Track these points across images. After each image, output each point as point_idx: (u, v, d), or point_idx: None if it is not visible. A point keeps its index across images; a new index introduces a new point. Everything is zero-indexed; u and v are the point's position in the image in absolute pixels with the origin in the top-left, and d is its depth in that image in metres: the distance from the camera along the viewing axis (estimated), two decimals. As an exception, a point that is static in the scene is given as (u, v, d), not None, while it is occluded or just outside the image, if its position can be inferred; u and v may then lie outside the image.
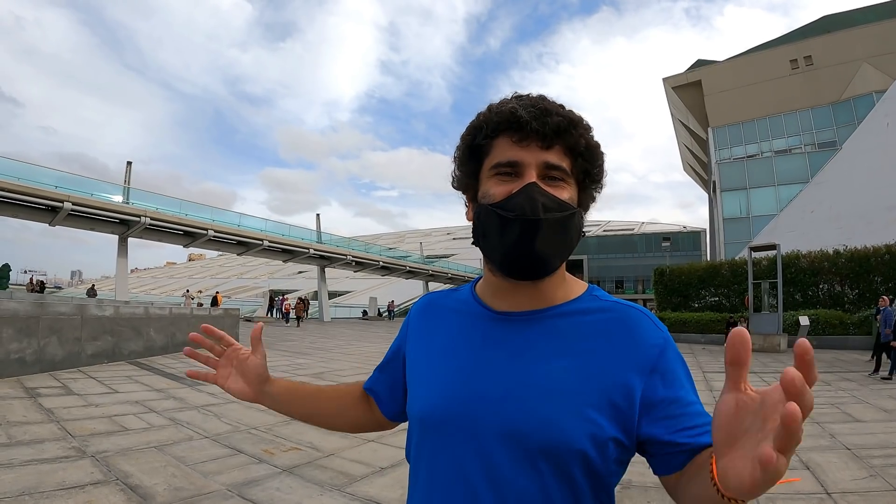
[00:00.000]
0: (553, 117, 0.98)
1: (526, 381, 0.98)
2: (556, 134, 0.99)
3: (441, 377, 1.08)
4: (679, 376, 0.99)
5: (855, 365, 14.35)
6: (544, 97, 1.04)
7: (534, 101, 1.01)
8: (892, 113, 33.75)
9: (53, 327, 10.77)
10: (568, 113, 1.01)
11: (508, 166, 1.00)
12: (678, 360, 1.01)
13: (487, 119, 1.03)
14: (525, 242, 0.96)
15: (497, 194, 1.00)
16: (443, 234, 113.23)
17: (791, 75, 45.44)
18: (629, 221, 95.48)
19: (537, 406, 0.96)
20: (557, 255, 1.00)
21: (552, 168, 1.00)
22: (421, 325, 1.22)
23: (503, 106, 1.02)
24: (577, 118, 1.03)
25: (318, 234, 45.24)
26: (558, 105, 1.02)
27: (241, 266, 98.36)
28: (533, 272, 1.00)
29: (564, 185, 1.01)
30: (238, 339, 19.27)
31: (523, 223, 0.95)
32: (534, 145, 0.99)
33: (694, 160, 64.34)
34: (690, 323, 25.43)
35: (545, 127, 0.98)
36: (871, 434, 6.58)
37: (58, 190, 26.34)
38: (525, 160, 0.99)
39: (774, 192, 42.89)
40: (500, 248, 0.99)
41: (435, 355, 1.13)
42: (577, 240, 1.03)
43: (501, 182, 1.01)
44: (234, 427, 6.79)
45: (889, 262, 22.01)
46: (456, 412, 1.02)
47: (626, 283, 76.23)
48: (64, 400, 7.98)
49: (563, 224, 0.98)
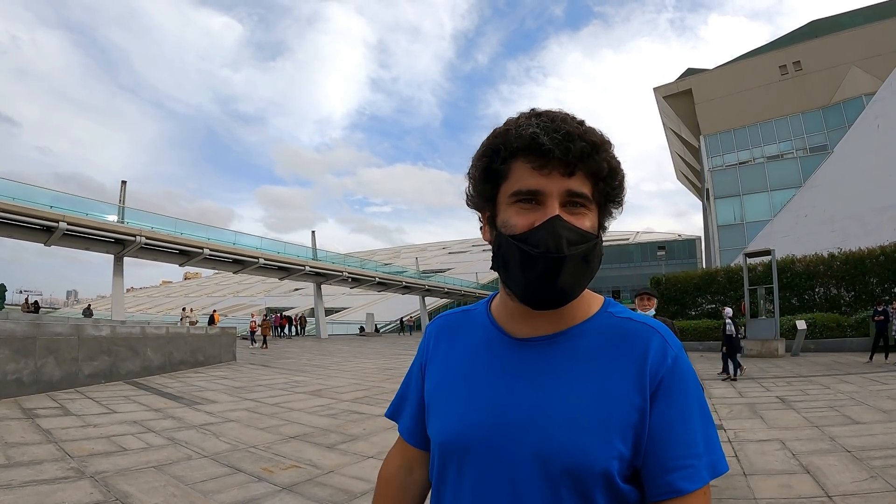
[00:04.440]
0: (577, 143, 0.94)
1: (546, 407, 0.97)
2: (579, 160, 0.95)
3: (462, 404, 1.06)
4: (681, 400, 0.95)
5: (853, 367, 14.36)
6: (566, 117, 0.99)
7: (556, 125, 0.96)
8: (882, 115, 33.90)
9: (50, 348, 10.75)
10: (591, 136, 0.97)
11: (529, 195, 0.97)
12: (685, 381, 0.97)
13: (506, 142, 0.98)
14: (550, 278, 0.94)
15: (518, 225, 0.97)
16: (438, 249, 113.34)
17: (780, 81, 45.62)
18: (624, 231, 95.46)
19: (558, 432, 0.94)
20: (580, 285, 0.98)
21: (574, 196, 0.96)
22: (439, 348, 1.19)
23: (523, 129, 0.97)
24: (600, 140, 0.98)
25: (314, 251, 45.34)
26: (580, 126, 0.97)
27: (237, 284, 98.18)
28: (555, 304, 0.98)
29: (586, 210, 0.98)
30: (235, 357, 19.27)
31: (548, 260, 0.93)
32: (556, 172, 0.95)
33: (687, 168, 64.46)
34: (688, 331, 25.40)
35: (568, 154, 0.94)
36: (870, 436, 6.58)
37: (53, 210, 26.31)
38: (547, 189, 0.96)
39: (768, 198, 43.03)
40: (523, 282, 0.97)
41: (456, 381, 1.11)
42: (599, 265, 1.01)
43: (522, 211, 0.97)
44: (233, 446, 6.76)
45: (884, 264, 22.05)
46: (478, 439, 1.00)
47: (623, 292, 76.18)
48: (62, 420, 7.95)
49: (586, 256, 0.96)
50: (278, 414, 9.13)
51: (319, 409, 9.63)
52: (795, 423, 7.67)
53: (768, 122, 45.99)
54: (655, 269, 53.24)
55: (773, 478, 5.16)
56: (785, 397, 9.92)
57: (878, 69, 38.86)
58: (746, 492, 4.78)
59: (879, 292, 21.41)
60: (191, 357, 16.51)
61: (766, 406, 9.18)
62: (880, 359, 15.43)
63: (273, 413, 9.23)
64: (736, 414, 8.59)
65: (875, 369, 13.54)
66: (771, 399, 9.89)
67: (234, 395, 11.19)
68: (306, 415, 9.11)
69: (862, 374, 12.87)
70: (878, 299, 17.98)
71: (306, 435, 7.51)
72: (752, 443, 6.61)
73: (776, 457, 5.92)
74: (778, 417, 8.14)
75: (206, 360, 17.41)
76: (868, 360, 15.65)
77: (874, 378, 11.88)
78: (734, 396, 10.37)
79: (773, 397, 10.06)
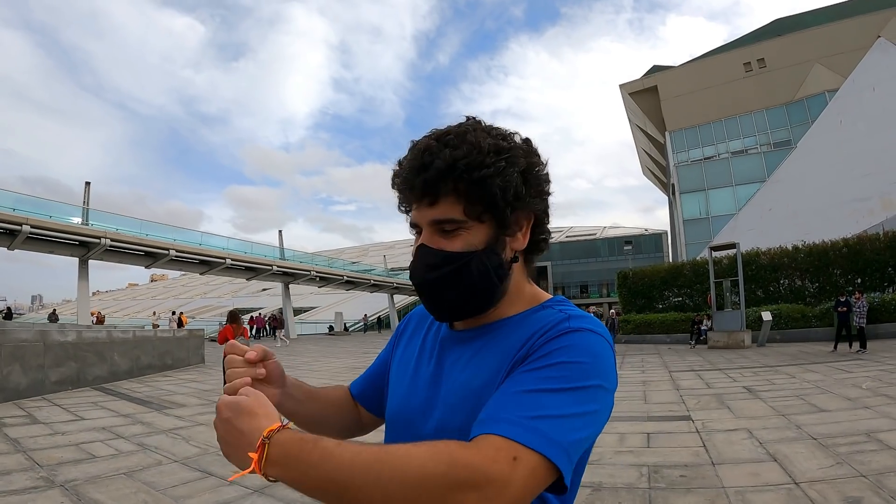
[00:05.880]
0: (428, 172, 0.96)
1: (438, 395, 1.06)
2: (434, 188, 0.97)
3: (403, 388, 1.16)
4: (537, 364, 0.90)
5: (818, 356, 14.63)
6: (429, 144, 0.99)
7: (414, 155, 1.00)
8: (844, 111, 34.55)
9: (15, 354, 10.54)
10: (454, 153, 0.95)
11: (413, 227, 1.06)
12: (557, 351, 0.91)
13: (393, 181, 1.06)
14: (433, 301, 1.04)
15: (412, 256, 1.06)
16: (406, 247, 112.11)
17: (745, 78, 46.29)
18: (591, 226, 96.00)
19: (440, 415, 1.03)
20: (470, 298, 1.02)
21: (441, 223, 0.99)
22: (405, 334, 1.29)
23: (399, 163, 1.05)
24: (462, 154, 0.95)
25: (281, 251, 45.09)
26: (444, 145, 0.97)
27: (204, 285, 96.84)
28: (453, 318, 1.08)
29: (462, 231, 0.99)
30: (203, 359, 19.07)
31: (419, 286, 1.04)
32: (423, 204, 1.00)
33: (653, 164, 65.12)
34: (655, 324, 25.80)
35: (414, 189, 0.99)
36: (836, 423, 6.71)
37: (16, 212, 25.72)
38: (419, 220, 1.02)
39: (732, 193, 43.69)
40: (423, 303, 1.08)
41: (404, 365, 1.20)
42: (494, 276, 1.01)
43: (414, 243, 1.06)
44: (203, 449, 6.70)
45: (847, 256, 22.50)
46: (402, 417, 1.13)
47: (591, 287, 76.81)
48: (29, 429, 7.81)
49: (456, 274, 0.99)
50: (250, 416, 9.04)
51: (292, 411, 9.56)
52: (762, 412, 7.80)
53: (733, 118, 46.68)
54: (623, 263, 53.68)
55: (741, 466, 5.25)
56: (752, 387, 10.08)
57: (841, 66, 39.63)
58: (715, 480, 4.86)
59: (843, 283, 21.83)
60: (158, 360, 16.33)
61: (734, 396, 9.32)
62: (844, 348, 15.75)
63: (245, 415, 9.14)
64: (704, 405, 8.71)
65: (839, 358, 13.82)
66: (738, 389, 10.04)
67: (203, 398, 11.08)
68: (278, 416, 9.04)
69: (827, 363, 13.12)
70: (840, 291, 18.33)
71: (279, 436, 7.45)
72: (719, 432, 6.71)
73: (744, 446, 6.01)
74: (745, 407, 8.26)
75: (175, 364, 17.23)
76: (833, 349, 15.96)
77: (839, 367, 12.11)
78: (702, 387, 10.51)
79: (739, 387, 10.21)
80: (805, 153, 36.82)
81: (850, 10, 42.46)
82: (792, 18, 47.24)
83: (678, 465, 5.42)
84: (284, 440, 0.81)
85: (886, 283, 21.94)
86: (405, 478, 0.74)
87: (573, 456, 0.84)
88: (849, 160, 31.60)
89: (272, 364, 1.13)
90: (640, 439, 6.61)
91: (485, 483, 0.74)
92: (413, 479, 0.74)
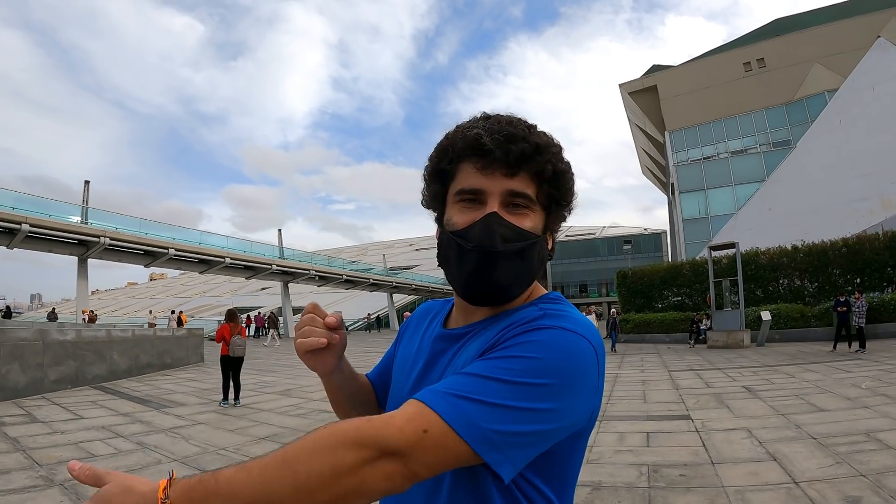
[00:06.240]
0: (518, 144, 0.97)
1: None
2: (521, 161, 0.97)
3: (397, 385, 1.19)
4: (498, 353, 0.89)
5: (818, 356, 14.64)
6: (513, 120, 1.02)
7: (500, 126, 0.99)
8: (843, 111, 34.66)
9: (14, 353, 10.54)
10: (536, 137, 1.00)
11: (472, 194, 1.01)
12: (521, 341, 0.89)
13: (453, 143, 1.03)
14: (483, 273, 0.98)
15: (459, 222, 1.01)
16: (405, 246, 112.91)
17: (745, 77, 46.23)
18: (590, 226, 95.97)
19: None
20: (517, 283, 1.01)
21: (516, 196, 0.99)
22: (407, 332, 1.30)
23: (469, 130, 1.01)
24: (546, 143, 1.01)
25: (281, 250, 45.02)
26: (526, 128, 1.01)
27: (203, 284, 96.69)
28: (491, 300, 1.03)
29: (528, 212, 1.01)
30: (203, 358, 19.06)
31: (480, 254, 0.97)
32: (498, 173, 0.98)
33: (652, 163, 65.06)
34: (654, 323, 25.78)
35: (508, 155, 0.97)
36: (835, 422, 6.72)
37: (15, 211, 25.77)
38: (488, 188, 0.99)
39: (732, 192, 43.65)
40: (460, 277, 1.02)
41: (402, 364, 1.21)
42: (541, 266, 1.04)
43: (465, 209, 1.01)
44: (203, 448, 6.70)
45: (846, 255, 22.48)
46: None
47: (590, 286, 76.94)
48: (28, 428, 7.81)
49: (522, 253, 0.99)
50: (248, 415, 9.07)
51: (289, 409, 9.58)
52: (762, 411, 7.81)
53: (732, 117, 46.63)
54: (622, 262, 53.76)
55: (741, 465, 5.25)
56: (751, 387, 10.08)
57: (840, 66, 39.65)
58: (714, 480, 4.86)
59: (842, 283, 21.82)
60: (158, 360, 16.32)
61: (733, 396, 9.32)
62: (843, 347, 15.75)
63: (242, 414, 9.17)
64: (703, 404, 8.71)
65: (839, 358, 13.83)
66: (737, 389, 10.04)
67: (202, 397, 11.08)
68: (276, 415, 9.06)
69: (826, 362, 13.12)
70: (840, 290, 18.34)
71: (276, 435, 7.47)
72: (719, 432, 6.71)
73: (743, 445, 6.02)
74: (744, 406, 8.27)
75: (174, 363, 17.23)
76: (832, 349, 15.97)
77: (838, 366, 12.12)
78: (701, 387, 10.52)
79: (739, 387, 10.22)
80: (804, 153, 36.92)
81: (849, 10, 42.38)
82: (791, 18, 47.17)
83: (678, 464, 5.42)
84: (182, 487, 0.74)
85: (885, 283, 21.92)
86: (310, 468, 0.74)
87: (505, 448, 0.81)
88: (848, 160, 31.71)
89: (342, 334, 1.14)
90: (639, 438, 6.62)
91: (387, 454, 0.76)
92: (317, 467, 0.74)
